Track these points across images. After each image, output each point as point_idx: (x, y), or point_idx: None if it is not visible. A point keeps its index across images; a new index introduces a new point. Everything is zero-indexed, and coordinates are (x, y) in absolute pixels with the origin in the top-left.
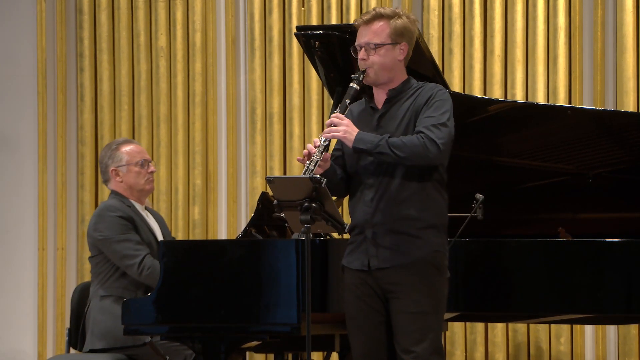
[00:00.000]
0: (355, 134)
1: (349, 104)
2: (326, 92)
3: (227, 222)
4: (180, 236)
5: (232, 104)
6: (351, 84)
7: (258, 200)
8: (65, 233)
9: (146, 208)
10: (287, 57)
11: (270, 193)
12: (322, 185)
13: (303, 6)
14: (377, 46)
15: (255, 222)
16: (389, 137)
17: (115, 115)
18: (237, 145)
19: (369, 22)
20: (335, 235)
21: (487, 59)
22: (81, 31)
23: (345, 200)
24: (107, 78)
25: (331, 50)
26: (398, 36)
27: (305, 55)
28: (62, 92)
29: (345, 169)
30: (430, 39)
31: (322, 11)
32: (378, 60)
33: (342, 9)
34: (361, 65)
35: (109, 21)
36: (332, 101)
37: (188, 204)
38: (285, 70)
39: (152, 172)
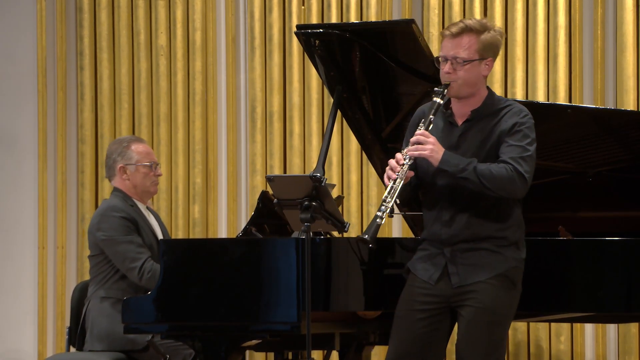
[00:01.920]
0: (441, 154)
1: (433, 119)
2: (326, 91)
3: (227, 221)
4: (180, 235)
5: (232, 102)
6: (435, 99)
7: (258, 199)
8: (65, 231)
9: (147, 208)
10: (287, 56)
11: (271, 192)
12: (322, 184)
13: (303, 5)
14: (466, 62)
15: (255, 221)
16: (476, 162)
17: (116, 114)
18: (237, 143)
19: (457, 35)
20: (336, 233)
21: None
22: (81, 30)
23: (345, 200)
24: (107, 76)
25: (331, 49)
26: (485, 51)
27: (305, 54)
28: (62, 91)
29: (417, 175)
30: (430, 38)
31: (322, 10)
32: (463, 75)
33: (342, 7)
34: (445, 78)
35: (109, 20)
36: (332, 100)
37: (188, 202)
38: (285, 69)
39: (158, 176)
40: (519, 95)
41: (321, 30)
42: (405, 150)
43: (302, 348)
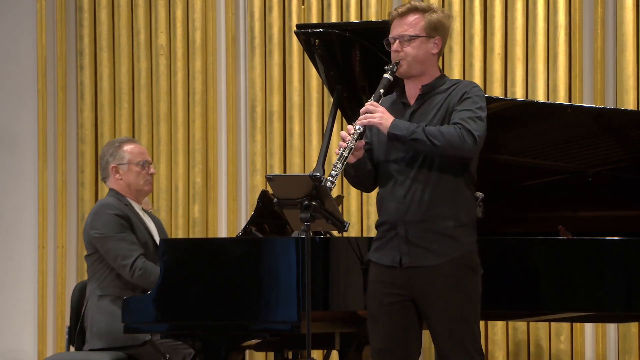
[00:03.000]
0: (390, 120)
1: (383, 94)
2: (326, 90)
3: (227, 220)
4: (180, 234)
5: (232, 102)
6: (385, 75)
7: (258, 199)
8: (65, 231)
9: (144, 210)
10: (287, 55)
11: (270, 191)
12: (322, 184)
13: (303, 4)
14: (412, 38)
15: (255, 220)
16: (426, 125)
17: (115, 114)
18: (237, 143)
19: (403, 14)
20: (335, 233)
21: (487, 57)
22: (81, 29)
23: (345, 199)
24: (107, 76)
25: (331, 49)
26: (432, 30)
27: (305, 54)
28: (62, 90)
29: (372, 159)
30: None
31: (322, 9)
32: (411, 52)
33: (342, 7)
34: (394, 57)
35: (109, 19)
36: (332, 99)
37: (188, 202)
38: (285, 69)
39: (152, 174)
40: (519, 95)
41: (321, 29)
42: (356, 121)
43: (302, 347)
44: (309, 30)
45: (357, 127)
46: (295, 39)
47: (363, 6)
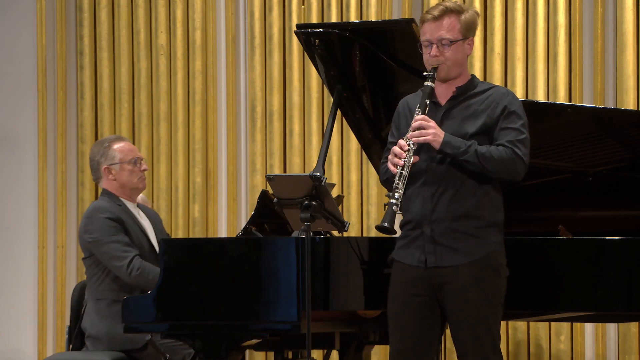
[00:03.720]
0: (442, 136)
1: (428, 103)
2: (326, 90)
3: (227, 220)
4: (180, 234)
5: (232, 101)
6: (427, 83)
7: (258, 198)
8: (65, 231)
9: (138, 205)
10: (287, 55)
11: (271, 191)
12: (322, 184)
13: (303, 4)
14: (452, 42)
15: (255, 220)
16: (477, 144)
17: (115, 113)
18: (237, 143)
19: (438, 17)
20: (335, 233)
21: (487, 56)
22: (81, 29)
23: (345, 199)
24: (107, 76)
25: (331, 48)
26: (467, 31)
27: (305, 53)
28: (62, 90)
29: None
30: None
31: (322, 9)
32: (451, 56)
33: (342, 6)
34: (432, 61)
35: (109, 19)
36: (332, 99)
37: (188, 201)
38: (285, 68)
39: (144, 170)
40: (519, 95)
41: (321, 29)
42: (407, 135)
43: (302, 347)
44: (309, 30)
45: (411, 144)
46: (295, 38)
47: (363, 6)
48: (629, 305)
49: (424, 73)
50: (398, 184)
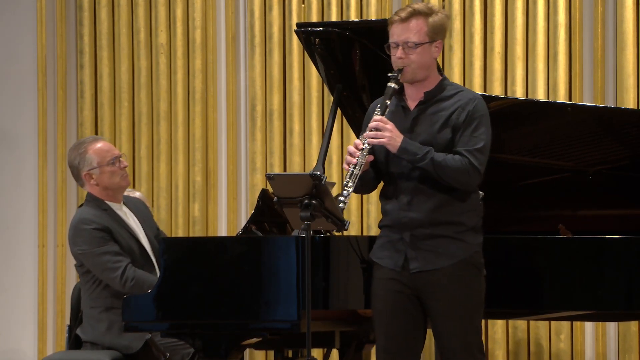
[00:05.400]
0: (399, 140)
1: (389, 104)
2: (326, 89)
3: (227, 219)
4: (180, 233)
5: (232, 100)
6: (389, 84)
7: (258, 197)
8: (66, 230)
9: (124, 199)
10: (287, 54)
11: (271, 190)
12: (322, 183)
13: (303, 3)
14: (417, 45)
15: (255, 219)
16: (433, 152)
17: (115, 112)
18: (237, 142)
19: (406, 19)
20: (336, 232)
21: (487, 55)
22: (81, 28)
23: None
24: (107, 75)
25: (331, 47)
26: (435, 34)
27: (305, 52)
28: (62, 89)
29: (375, 164)
30: None
31: (322, 8)
32: (416, 58)
33: (342, 5)
34: (398, 63)
35: (109, 18)
36: (332, 98)
37: (188, 200)
38: (285, 67)
39: (125, 167)
40: (519, 94)
41: (321, 28)
42: (364, 134)
43: (302, 346)
44: (309, 29)
45: (365, 144)
46: (295, 37)
47: (363, 5)
48: (628, 304)
49: (389, 74)
50: (348, 182)
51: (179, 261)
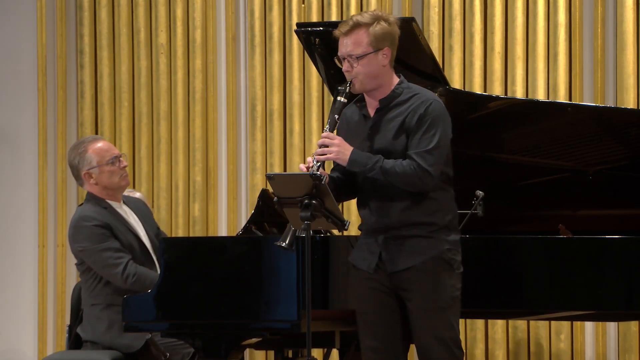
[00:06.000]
0: (348, 154)
1: (338, 118)
2: (326, 89)
3: (227, 219)
4: (180, 233)
5: (232, 100)
6: (338, 98)
7: (258, 197)
8: (66, 230)
9: (123, 199)
10: (288, 54)
11: (271, 190)
12: (323, 183)
13: (303, 3)
14: (360, 57)
15: (255, 219)
16: (383, 160)
17: (116, 112)
18: (237, 142)
19: (347, 33)
20: (336, 232)
21: (487, 55)
22: (81, 28)
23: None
24: (107, 75)
25: (331, 47)
26: (379, 42)
27: (305, 52)
28: (62, 89)
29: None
30: (430, 36)
31: (322, 8)
32: (362, 70)
33: (342, 5)
34: (346, 76)
35: (109, 18)
36: (332, 98)
37: (188, 200)
38: (285, 67)
39: (124, 167)
40: (519, 94)
41: (321, 28)
42: (314, 152)
43: (302, 346)
44: (309, 29)
45: (315, 162)
46: (295, 37)
47: (363, 5)
48: (629, 304)
49: (338, 87)
50: None
51: (179, 261)
